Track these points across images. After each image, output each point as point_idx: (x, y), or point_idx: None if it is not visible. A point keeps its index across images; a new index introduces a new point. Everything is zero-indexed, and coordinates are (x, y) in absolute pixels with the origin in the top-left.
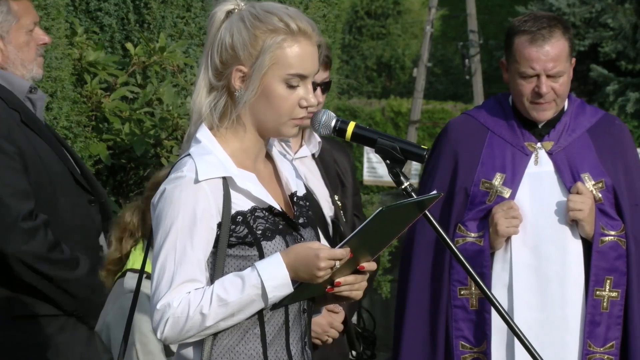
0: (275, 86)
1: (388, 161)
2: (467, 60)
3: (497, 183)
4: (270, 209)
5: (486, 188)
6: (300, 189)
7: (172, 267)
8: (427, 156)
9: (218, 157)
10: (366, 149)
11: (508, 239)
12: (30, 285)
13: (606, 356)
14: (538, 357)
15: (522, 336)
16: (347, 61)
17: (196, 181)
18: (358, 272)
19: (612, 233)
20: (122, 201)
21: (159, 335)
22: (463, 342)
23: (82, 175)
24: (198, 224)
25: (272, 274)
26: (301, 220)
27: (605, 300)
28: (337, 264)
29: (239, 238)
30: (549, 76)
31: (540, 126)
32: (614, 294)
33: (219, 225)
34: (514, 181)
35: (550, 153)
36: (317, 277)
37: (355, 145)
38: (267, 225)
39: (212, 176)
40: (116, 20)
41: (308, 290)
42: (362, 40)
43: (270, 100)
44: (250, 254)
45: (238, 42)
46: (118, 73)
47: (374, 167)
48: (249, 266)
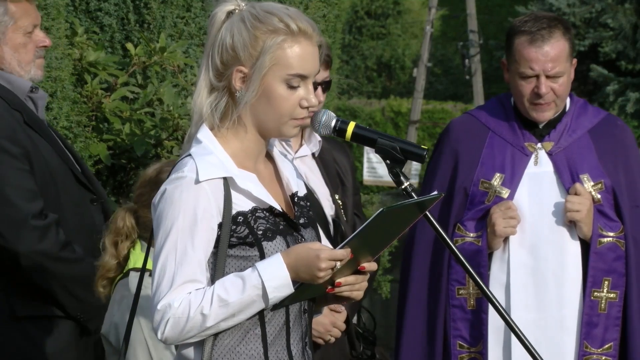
0: (276, 87)
1: (388, 161)
2: (467, 60)
3: (496, 183)
4: (271, 209)
5: (485, 188)
6: (301, 189)
7: (172, 267)
8: (430, 155)
9: (219, 158)
10: (366, 149)
11: (506, 239)
12: (34, 286)
13: (604, 357)
14: (537, 356)
15: (521, 334)
16: (347, 61)
17: (197, 181)
18: (359, 272)
19: (611, 234)
20: (122, 201)
21: (159, 336)
22: (460, 342)
23: (83, 175)
24: (199, 224)
25: (273, 275)
26: (302, 221)
27: (603, 301)
28: (338, 264)
29: (239, 238)
30: (548, 77)
31: (541, 126)
32: (613, 295)
33: (220, 226)
34: (512, 181)
35: (550, 154)
36: (317, 277)
37: (355, 145)
38: (267, 225)
39: (213, 176)
40: (116, 20)
41: (309, 291)
42: (362, 40)
43: (271, 101)
44: (251, 255)
45: (238, 43)
46: (118, 73)
47: (374, 167)
48: (250, 266)
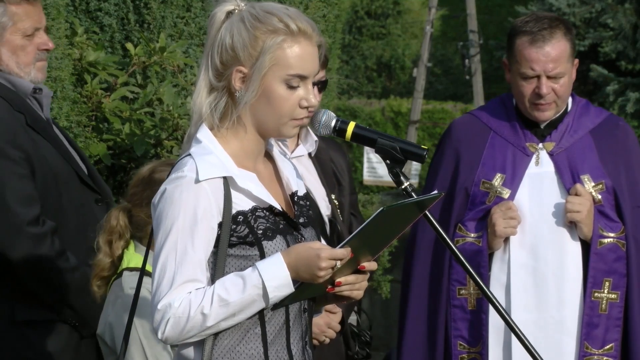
0: (276, 87)
1: (388, 161)
2: (467, 60)
3: (497, 183)
4: (270, 208)
5: (486, 188)
6: (300, 188)
7: (173, 267)
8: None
9: (219, 157)
10: (366, 149)
11: (506, 240)
12: (31, 291)
13: (604, 358)
14: (537, 356)
15: (521, 335)
16: (347, 61)
17: (197, 181)
18: (359, 271)
19: (612, 235)
20: (121, 201)
21: (159, 336)
22: (461, 342)
23: (89, 175)
24: (199, 224)
25: (273, 274)
26: (302, 220)
27: (604, 302)
28: (338, 263)
29: (239, 238)
30: (549, 77)
31: (542, 126)
32: (613, 295)
33: (220, 225)
34: (513, 182)
35: (551, 154)
36: (318, 277)
37: (355, 145)
38: (267, 225)
39: (213, 176)
40: (116, 20)
41: (309, 290)
42: (362, 40)
43: (270, 101)
44: (251, 254)
45: (238, 43)
46: (118, 73)
47: (374, 167)
48: (250, 266)
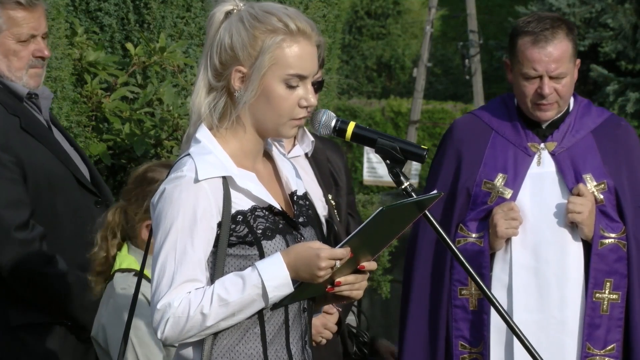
0: (275, 86)
1: (388, 161)
2: (467, 60)
3: (498, 184)
4: (270, 208)
5: (488, 188)
6: (300, 188)
7: (172, 266)
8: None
9: (218, 157)
10: (366, 149)
11: (508, 240)
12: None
13: (607, 359)
14: (538, 357)
15: (522, 336)
16: (347, 61)
17: (196, 181)
18: (358, 271)
19: (613, 235)
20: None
21: (159, 335)
22: (462, 342)
23: (91, 177)
24: (198, 223)
25: (273, 274)
26: (301, 220)
27: (605, 302)
28: (338, 263)
29: (239, 237)
30: (551, 77)
31: (544, 126)
32: (614, 296)
33: (219, 225)
34: (515, 182)
35: (553, 154)
36: (317, 276)
37: (355, 145)
38: (267, 224)
39: (212, 175)
40: (116, 20)
41: (308, 290)
42: (362, 40)
43: (270, 101)
44: (251, 254)
45: (237, 43)
46: (118, 73)
47: (374, 167)
48: (249, 266)
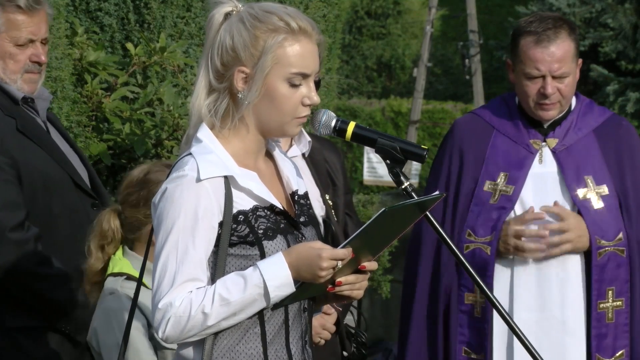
0: (278, 86)
1: (388, 161)
2: (467, 60)
3: (500, 182)
4: (271, 207)
5: (490, 188)
6: (301, 187)
7: (173, 266)
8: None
9: (219, 156)
10: (366, 149)
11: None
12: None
13: None
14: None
15: (525, 340)
16: (347, 61)
17: (198, 180)
18: (359, 271)
19: (607, 244)
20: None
21: (160, 335)
22: (465, 348)
23: (90, 179)
24: (200, 223)
25: (275, 274)
26: (302, 219)
27: (610, 310)
28: (339, 264)
29: (240, 237)
30: (554, 77)
31: (545, 126)
32: (618, 302)
33: (221, 224)
34: (517, 180)
35: (554, 151)
36: (319, 277)
37: (355, 145)
38: (268, 224)
39: (214, 175)
40: (116, 20)
41: (309, 290)
42: (362, 40)
43: (273, 100)
44: (252, 254)
45: (239, 43)
46: (118, 73)
47: (374, 167)
48: (250, 265)
